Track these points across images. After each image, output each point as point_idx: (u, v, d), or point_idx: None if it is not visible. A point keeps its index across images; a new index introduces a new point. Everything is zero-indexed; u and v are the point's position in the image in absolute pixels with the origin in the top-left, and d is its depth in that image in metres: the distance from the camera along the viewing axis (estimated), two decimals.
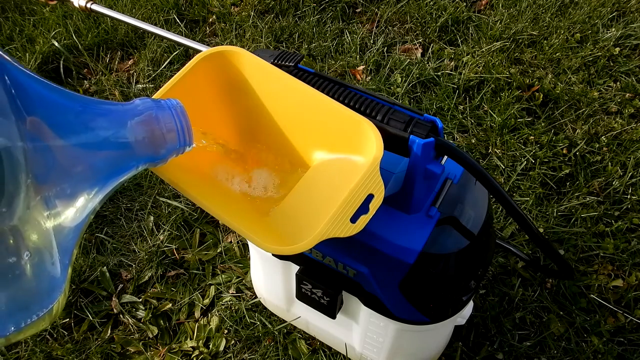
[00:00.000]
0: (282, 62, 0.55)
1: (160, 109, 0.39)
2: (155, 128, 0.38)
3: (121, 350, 0.84)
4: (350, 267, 0.57)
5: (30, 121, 0.30)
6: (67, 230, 0.33)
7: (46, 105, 0.32)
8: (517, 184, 1.02)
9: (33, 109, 0.30)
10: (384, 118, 0.50)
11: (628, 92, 1.19)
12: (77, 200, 0.33)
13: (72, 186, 0.33)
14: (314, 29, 1.37)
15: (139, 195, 1.04)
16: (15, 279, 0.30)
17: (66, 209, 0.32)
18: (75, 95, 0.35)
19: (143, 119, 0.37)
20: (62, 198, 0.32)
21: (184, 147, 0.40)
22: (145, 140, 0.37)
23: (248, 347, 0.83)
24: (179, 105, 0.40)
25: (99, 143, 0.35)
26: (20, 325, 0.31)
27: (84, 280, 0.92)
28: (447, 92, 1.19)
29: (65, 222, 0.33)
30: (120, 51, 1.37)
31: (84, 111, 0.34)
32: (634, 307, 0.86)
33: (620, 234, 0.95)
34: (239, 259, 0.94)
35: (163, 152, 0.39)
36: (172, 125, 0.39)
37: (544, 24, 1.35)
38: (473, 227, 0.56)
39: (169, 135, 0.38)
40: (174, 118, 0.39)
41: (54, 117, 0.32)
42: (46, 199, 0.31)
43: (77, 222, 0.34)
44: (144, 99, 0.39)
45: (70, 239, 0.33)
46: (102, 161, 0.35)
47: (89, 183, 0.34)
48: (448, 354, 0.80)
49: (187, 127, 0.40)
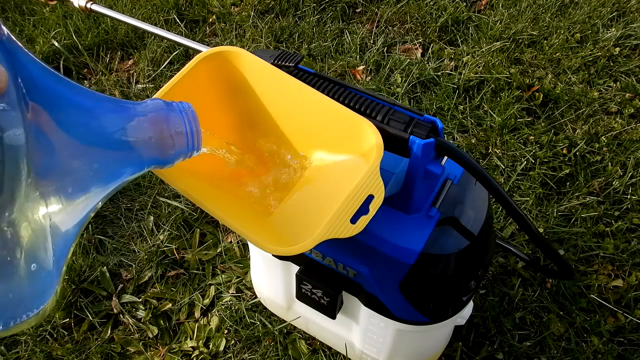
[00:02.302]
0: (282, 62, 0.55)
1: (171, 111, 0.38)
2: (165, 129, 0.37)
3: (121, 350, 0.84)
4: (351, 268, 0.57)
5: (34, 110, 0.29)
6: (64, 230, 0.32)
7: (53, 96, 0.31)
8: (517, 184, 1.02)
9: (39, 98, 0.29)
10: (384, 118, 0.50)
11: (628, 92, 1.19)
12: (77, 198, 0.32)
13: (72, 183, 0.32)
14: (314, 29, 1.37)
15: (139, 195, 1.04)
16: (8, 277, 0.29)
17: (65, 207, 0.31)
18: (84, 90, 0.34)
19: (152, 119, 0.36)
20: (62, 195, 0.31)
21: (192, 152, 0.40)
22: (152, 141, 0.36)
23: (248, 347, 0.83)
24: (190, 109, 0.39)
25: (104, 140, 0.34)
26: (9, 324, 0.30)
27: (84, 280, 0.92)
28: (447, 92, 1.19)
29: (64, 221, 0.32)
30: (120, 51, 1.37)
31: (92, 106, 0.33)
32: (634, 307, 0.86)
33: (620, 234, 0.95)
34: (239, 259, 0.94)
35: (170, 155, 0.38)
36: (182, 129, 0.38)
37: (544, 24, 1.35)
38: (473, 228, 0.56)
39: (178, 138, 0.38)
40: (184, 121, 0.38)
41: (59, 109, 0.31)
42: (45, 195, 0.30)
43: (76, 222, 0.32)
44: (156, 99, 0.38)
45: (67, 239, 0.32)
46: (106, 159, 0.34)
47: (91, 181, 0.33)
48: (448, 354, 0.80)
49: (197, 131, 0.39)
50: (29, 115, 0.28)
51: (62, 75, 0.33)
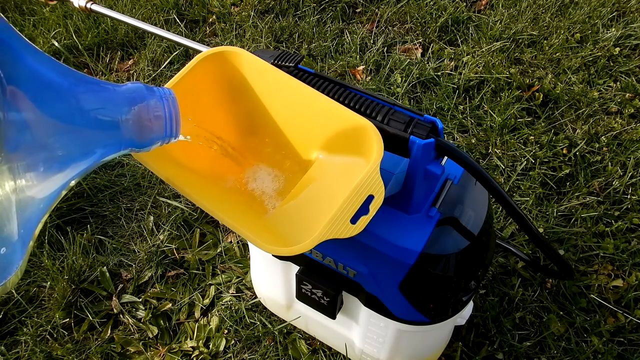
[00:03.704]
0: (282, 62, 0.55)
1: (151, 94, 0.38)
2: (143, 112, 0.37)
3: (121, 350, 0.84)
4: (351, 268, 0.57)
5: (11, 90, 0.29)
6: (32, 206, 0.31)
7: (31, 73, 0.31)
8: (517, 184, 1.02)
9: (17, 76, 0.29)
10: (384, 119, 0.50)
11: (628, 92, 1.19)
12: (48, 175, 0.32)
13: (45, 160, 0.31)
14: (314, 29, 1.37)
15: (139, 195, 1.04)
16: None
17: (35, 184, 0.31)
18: (64, 68, 0.33)
19: (131, 101, 0.36)
20: (33, 172, 0.30)
21: (170, 138, 0.39)
22: (130, 123, 0.36)
23: (248, 347, 0.83)
24: (171, 94, 0.39)
25: (80, 118, 0.33)
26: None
27: (84, 280, 0.92)
28: (447, 92, 1.19)
29: (32, 198, 0.31)
30: (120, 51, 1.37)
31: (71, 84, 0.33)
32: (634, 307, 0.86)
33: (620, 234, 0.95)
34: (239, 259, 0.94)
35: (148, 139, 0.38)
36: (160, 113, 0.38)
37: (544, 24, 1.35)
38: (473, 228, 0.56)
39: (156, 122, 0.37)
40: (163, 106, 0.38)
41: (37, 86, 0.31)
42: (14, 170, 0.29)
43: (45, 199, 0.32)
44: (137, 82, 0.38)
45: (35, 216, 0.32)
46: (81, 137, 0.33)
47: (63, 159, 0.32)
48: (448, 354, 0.80)
49: (176, 117, 0.39)
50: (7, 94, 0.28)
51: (44, 53, 0.32)
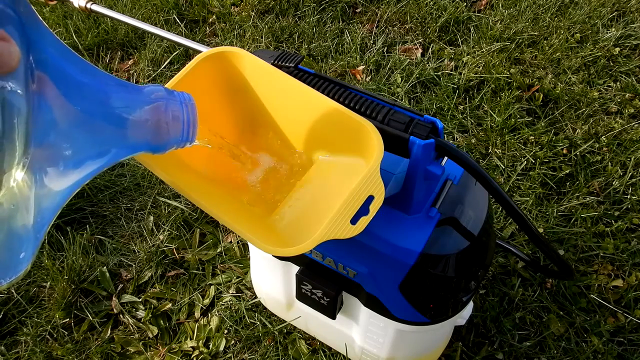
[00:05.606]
0: (282, 62, 0.55)
1: (172, 98, 0.38)
2: (162, 114, 0.37)
3: (121, 350, 0.84)
4: (351, 268, 0.57)
5: (40, 80, 0.29)
6: (49, 200, 0.31)
7: (61, 71, 0.31)
8: (517, 184, 1.02)
9: (47, 72, 0.30)
10: (384, 119, 0.50)
11: (628, 92, 1.19)
12: (66, 171, 0.32)
13: (64, 156, 0.31)
14: (314, 29, 1.37)
15: (139, 195, 1.04)
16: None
17: (53, 178, 0.31)
18: (89, 64, 0.34)
19: (152, 102, 0.37)
20: (52, 166, 0.31)
21: (186, 142, 0.40)
22: (149, 124, 0.36)
23: (248, 347, 0.83)
24: (191, 100, 0.40)
25: (106, 114, 0.34)
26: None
27: (84, 280, 0.92)
28: (447, 92, 1.19)
29: (49, 191, 0.31)
30: (120, 51, 1.37)
31: (98, 81, 0.34)
32: (634, 307, 0.86)
33: (620, 234, 0.95)
34: (239, 259, 0.94)
35: (164, 141, 0.38)
36: (179, 116, 0.38)
37: (544, 24, 1.35)
38: (473, 228, 0.56)
39: (174, 125, 0.38)
40: (182, 110, 0.38)
41: (66, 82, 0.31)
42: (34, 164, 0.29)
43: (61, 193, 0.32)
44: (158, 85, 0.39)
45: (50, 209, 0.32)
46: (103, 134, 0.34)
47: (82, 155, 0.33)
48: (448, 354, 0.80)
49: (194, 122, 0.39)
50: (34, 86, 0.29)
51: (73, 51, 0.33)
